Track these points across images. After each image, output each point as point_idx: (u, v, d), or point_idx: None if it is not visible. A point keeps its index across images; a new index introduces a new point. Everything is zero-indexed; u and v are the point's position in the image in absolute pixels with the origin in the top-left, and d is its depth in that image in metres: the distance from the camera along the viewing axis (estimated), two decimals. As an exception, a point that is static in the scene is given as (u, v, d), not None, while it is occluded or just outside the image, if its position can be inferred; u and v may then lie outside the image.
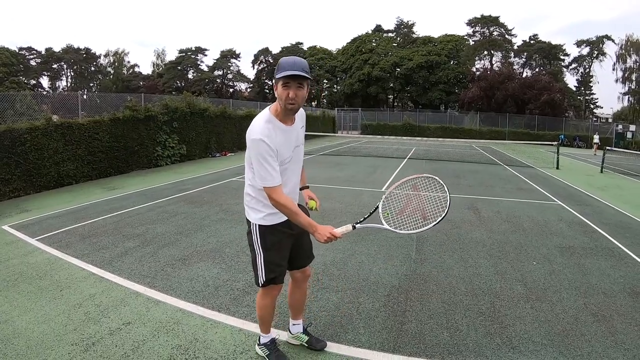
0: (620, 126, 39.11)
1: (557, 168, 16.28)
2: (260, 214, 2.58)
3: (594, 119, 55.42)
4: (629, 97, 53.12)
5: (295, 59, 2.30)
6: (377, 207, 2.80)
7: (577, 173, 15.56)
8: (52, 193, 9.44)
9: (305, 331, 3.16)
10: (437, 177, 2.85)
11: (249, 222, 2.66)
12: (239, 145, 19.38)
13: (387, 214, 2.77)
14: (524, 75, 51.92)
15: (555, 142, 19.85)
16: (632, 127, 37.90)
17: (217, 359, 2.97)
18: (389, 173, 13.16)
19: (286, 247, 2.69)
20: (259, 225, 2.59)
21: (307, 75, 2.27)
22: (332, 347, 3.17)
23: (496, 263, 5.22)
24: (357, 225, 2.57)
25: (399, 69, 54.58)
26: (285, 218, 2.55)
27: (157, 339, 3.20)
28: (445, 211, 2.65)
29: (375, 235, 6.05)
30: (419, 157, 18.78)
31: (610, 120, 53.71)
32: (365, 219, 2.66)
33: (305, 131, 2.68)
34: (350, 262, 5.07)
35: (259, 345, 2.99)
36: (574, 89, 56.64)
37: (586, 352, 3.22)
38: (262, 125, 2.35)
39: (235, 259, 5.06)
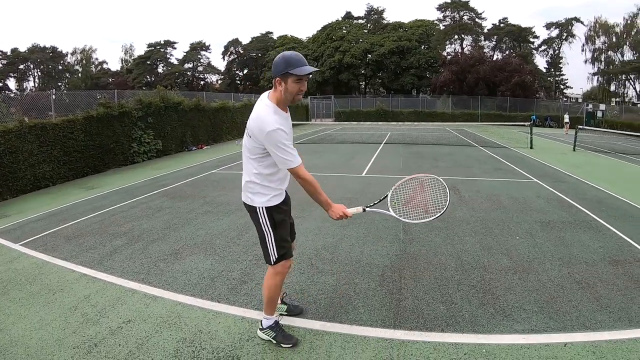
0: (590, 106, 40.25)
1: (531, 148, 16.70)
2: (265, 197, 2.75)
3: (565, 99, 56.91)
4: (598, 77, 54.94)
5: (298, 54, 2.53)
6: (387, 195, 3.02)
7: (550, 152, 16.00)
8: (30, 196, 9.20)
9: (282, 301, 3.40)
10: (442, 179, 3.06)
11: (252, 207, 2.79)
12: (214, 137, 19.24)
13: (395, 203, 3.00)
14: (495, 58, 52.71)
15: (528, 123, 20.34)
16: (602, 107, 39.08)
17: (224, 348, 3.01)
18: (367, 158, 13.27)
19: (288, 224, 2.92)
20: (265, 207, 2.75)
21: (318, 69, 2.46)
22: (335, 327, 3.27)
23: (481, 239, 5.40)
24: (367, 209, 2.83)
25: (370, 55, 54.58)
26: (284, 197, 2.84)
27: (161, 334, 3.20)
28: (444, 209, 2.92)
29: (362, 219, 6.15)
30: (395, 142, 18.94)
31: (580, 100, 55.37)
32: (375, 204, 2.90)
33: None
34: (341, 245, 5.17)
35: (262, 329, 3.06)
36: (544, 70, 57.85)
37: (574, 317, 3.42)
38: (273, 117, 2.53)
39: (227, 249, 5.08)
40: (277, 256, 2.82)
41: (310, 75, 2.60)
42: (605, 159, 14.75)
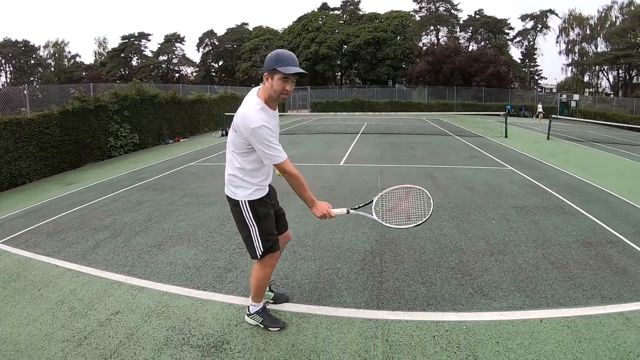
0: (564, 96, 41.15)
1: (506, 137, 17.06)
2: (248, 191, 2.75)
3: (539, 89, 58.11)
4: (572, 68, 56.39)
5: (291, 53, 2.56)
6: (372, 200, 3.10)
7: (525, 141, 16.39)
8: (7, 194, 9.01)
9: (269, 289, 3.43)
10: (428, 192, 3.11)
11: (235, 201, 2.79)
12: (191, 130, 19.09)
13: (379, 208, 3.08)
14: (470, 49, 53.40)
15: (502, 113, 20.77)
16: (576, 97, 40.04)
17: (213, 334, 3.07)
18: (344, 148, 13.35)
19: (272, 217, 2.91)
20: (248, 201, 2.75)
21: (306, 72, 2.52)
22: (320, 309, 3.37)
23: (458, 224, 5.58)
24: (352, 211, 2.91)
25: (346, 46, 54.62)
26: (267, 191, 2.85)
27: (150, 323, 3.23)
28: (426, 218, 2.97)
29: (342, 206, 6.23)
30: (371, 132, 19.06)
31: (554, 90, 56.55)
32: (359, 207, 2.97)
33: None
34: (322, 232, 5.28)
35: (249, 315, 3.13)
36: (519, 61, 58.93)
37: (549, 295, 3.61)
38: (259, 114, 2.53)
39: (210, 239, 5.12)
40: (262, 249, 2.81)
41: (297, 77, 2.58)
42: (578, 147, 15.23)
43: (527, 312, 3.32)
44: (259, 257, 2.84)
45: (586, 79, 56.79)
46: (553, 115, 20.40)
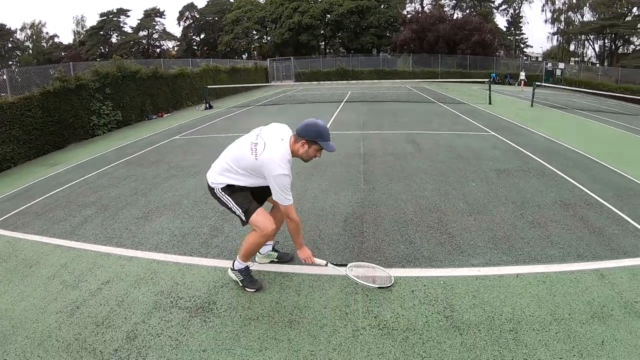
0: (549, 64, 41.22)
1: (490, 103, 17.06)
2: (226, 182, 3.01)
3: (524, 57, 57.90)
4: (557, 37, 56.07)
5: (328, 129, 2.94)
6: (347, 265, 3.33)
7: (509, 107, 16.47)
8: (-7, 179, 8.90)
9: (273, 249, 3.65)
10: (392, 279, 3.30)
11: (211, 189, 3.07)
12: (174, 104, 18.87)
13: (352, 269, 3.31)
14: (455, 17, 52.74)
15: (487, 80, 20.79)
16: (561, 65, 40.10)
17: (201, 296, 3.19)
18: (328, 116, 13.27)
19: (247, 192, 3.09)
20: (221, 188, 3.03)
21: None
22: (302, 269, 3.50)
23: (439, 186, 5.72)
24: (329, 265, 3.21)
25: (329, 15, 53.52)
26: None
27: (139, 289, 3.33)
28: (384, 285, 3.23)
29: (325, 171, 6.53)
30: (355, 100, 18.93)
31: (540, 59, 56.38)
32: (337, 265, 3.28)
33: (239, 84, 3.02)
34: (305, 196, 5.41)
35: (232, 270, 3.26)
36: (505, 29, 58.51)
37: (526, 252, 3.77)
38: (286, 164, 2.82)
39: (195, 208, 5.19)
40: (243, 212, 2.99)
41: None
42: (561, 114, 15.37)
43: (504, 268, 3.47)
44: (246, 221, 3.01)
45: (572, 48, 56.60)
46: (537, 83, 20.48)
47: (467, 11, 56.23)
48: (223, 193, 3.01)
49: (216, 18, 63.40)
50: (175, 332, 2.76)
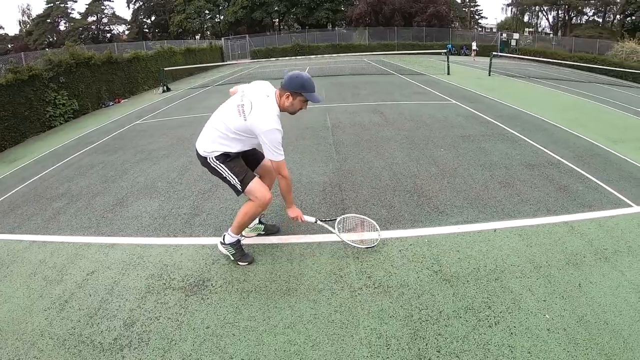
0: (504, 35, 42.29)
1: (448, 74, 17.41)
2: (219, 149, 2.97)
3: (479, 29, 59.11)
4: (512, 8, 57.39)
5: (313, 80, 2.94)
6: (336, 219, 3.43)
7: (467, 77, 16.87)
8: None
9: (259, 221, 3.67)
10: (379, 229, 3.43)
11: (203, 158, 3.02)
12: (131, 89, 18.24)
13: (341, 227, 3.41)
14: (411, -11, 53.01)
15: (444, 51, 21.14)
16: (516, 36, 41.26)
17: (193, 274, 3.19)
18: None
19: (238, 159, 3.10)
20: (214, 156, 2.98)
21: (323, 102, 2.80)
22: (290, 238, 3.60)
23: (409, 153, 5.91)
24: (319, 222, 3.26)
25: (283, -10, 52.78)
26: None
27: (128, 275, 3.28)
28: (372, 245, 3.35)
29: (296, 144, 6.62)
30: (314, 75, 18.59)
31: (494, 30, 57.65)
32: (327, 221, 3.32)
33: (195, 65, 3.01)
34: (280, 169, 5.44)
35: (223, 244, 3.26)
36: (459, 1, 59.27)
37: (500, 209, 4.01)
38: (275, 118, 2.82)
39: (171, 189, 5.14)
40: (240, 181, 2.97)
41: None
42: (518, 82, 15.91)
43: (481, 225, 3.70)
44: (241, 190, 3.01)
45: (526, 18, 58.02)
46: (494, 53, 21.00)
47: (423, -17, 56.49)
48: (217, 162, 2.97)
49: (167, -1, 60.98)
50: (174, 313, 2.76)
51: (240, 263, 3.24)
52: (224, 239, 3.25)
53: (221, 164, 2.97)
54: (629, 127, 8.16)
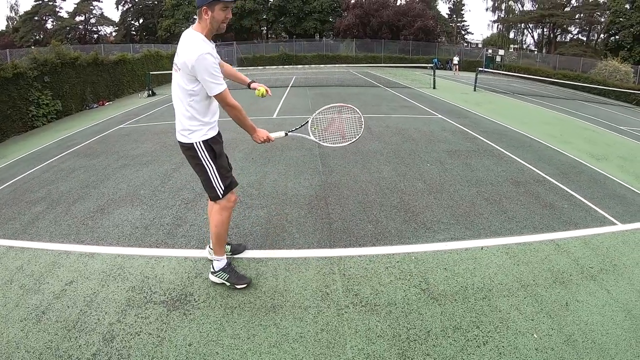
0: (490, 51, 43.21)
1: (434, 88, 17.63)
2: (201, 132, 2.75)
3: (465, 44, 60.23)
4: (498, 25, 59.02)
5: None
6: (307, 122, 3.21)
7: (453, 92, 17.07)
8: None
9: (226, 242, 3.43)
10: (358, 110, 3.33)
11: (189, 145, 2.76)
12: (116, 92, 18.00)
13: (315, 128, 3.22)
14: (399, 3, 53.62)
15: (430, 65, 21.40)
16: (501, 52, 42.17)
17: (175, 288, 3.09)
18: (275, 101, 13.11)
19: (225, 155, 2.98)
20: (202, 141, 2.76)
21: None
22: (276, 253, 3.53)
23: (396, 167, 5.92)
24: (289, 133, 3.06)
25: (272, 0, 53.04)
26: (218, 130, 2.88)
27: (108, 287, 3.16)
28: (359, 136, 3.27)
29: (281, 155, 6.51)
30: (301, 85, 18.84)
31: (480, 45, 58.90)
32: (297, 129, 3.09)
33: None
34: (265, 181, 5.39)
35: (214, 273, 3.08)
36: (447, 16, 60.49)
37: (486, 226, 4.03)
38: (202, 44, 2.53)
39: (154, 198, 5.03)
40: (223, 187, 2.84)
41: (234, 4, 2.63)
42: (503, 98, 16.18)
43: (468, 242, 3.70)
44: (220, 196, 2.85)
45: (511, 35, 59.58)
46: (479, 68, 21.34)
47: (411, -2, 57.42)
48: (205, 153, 2.77)
49: (156, 2, 60.66)
50: (155, 329, 2.66)
51: (238, 287, 3.05)
52: (213, 267, 3.09)
53: (210, 158, 2.78)
54: (612, 144, 8.37)
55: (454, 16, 61.68)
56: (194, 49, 2.50)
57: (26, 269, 3.57)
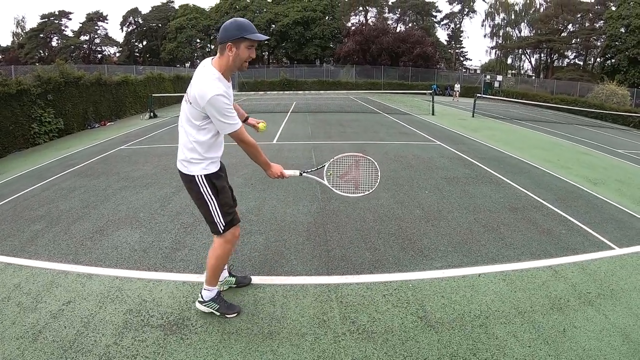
0: (488, 77, 43.95)
1: (433, 114, 17.86)
2: (202, 165, 2.71)
3: (464, 70, 61.22)
4: (496, 51, 60.22)
5: (250, 21, 2.53)
6: (324, 166, 3.23)
7: (451, 118, 17.30)
8: None
9: (230, 274, 3.40)
10: (376, 163, 3.35)
11: (190, 177, 2.73)
12: (117, 113, 18.27)
13: (330, 173, 3.23)
14: (398, 30, 54.82)
15: (429, 91, 21.74)
16: (499, 78, 42.99)
17: (172, 312, 3.09)
18: (276, 126, 13.27)
19: (228, 190, 2.91)
20: (204, 175, 2.72)
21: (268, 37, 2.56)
22: (273, 279, 3.54)
23: (394, 194, 5.96)
24: (304, 174, 3.01)
25: (274, 26, 53.80)
26: (220, 165, 2.85)
27: (105, 309, 3.15)
28: (372, 190, 3.23)
29: (280, 182, 6.47)
30: (301, 110, 19.12)
31: (478, 71, 59.87)
32: (312, 170, 3.11)
33: (183, 92, 2.83)
34: (264, 207, 5.42)
35: (203, 302, 3.02)
36: (445, 43, 61.64)
37: (484, 253, 4.07)
38: (216, 83, 2.49)
39: (153, 221, 5.05)
40: (224, 224, 2.78)
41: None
42: (501, 124, 16.41)
43: (466, 269, 3.73)
44: (221, 231, 2.79)
45: (509, 61, 60.83)
46: (477, 94, 21.66)
47: (410, 25, 58.73)
48: (207, 187, 2.72)
49: (160, 25, 61.70)
50: (152, 352, 2.66)
51: (228, 316, 3.01)
52: (202, 296, 3.02)
53: (211, 193, 2.72)
54: (609, 167, 8.47)
55: (453, 42, 62.83)
56: (208, 87, 2.46)
57: (24, 287, 3.57)
